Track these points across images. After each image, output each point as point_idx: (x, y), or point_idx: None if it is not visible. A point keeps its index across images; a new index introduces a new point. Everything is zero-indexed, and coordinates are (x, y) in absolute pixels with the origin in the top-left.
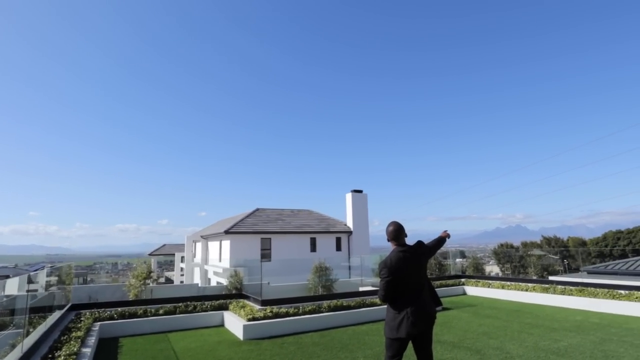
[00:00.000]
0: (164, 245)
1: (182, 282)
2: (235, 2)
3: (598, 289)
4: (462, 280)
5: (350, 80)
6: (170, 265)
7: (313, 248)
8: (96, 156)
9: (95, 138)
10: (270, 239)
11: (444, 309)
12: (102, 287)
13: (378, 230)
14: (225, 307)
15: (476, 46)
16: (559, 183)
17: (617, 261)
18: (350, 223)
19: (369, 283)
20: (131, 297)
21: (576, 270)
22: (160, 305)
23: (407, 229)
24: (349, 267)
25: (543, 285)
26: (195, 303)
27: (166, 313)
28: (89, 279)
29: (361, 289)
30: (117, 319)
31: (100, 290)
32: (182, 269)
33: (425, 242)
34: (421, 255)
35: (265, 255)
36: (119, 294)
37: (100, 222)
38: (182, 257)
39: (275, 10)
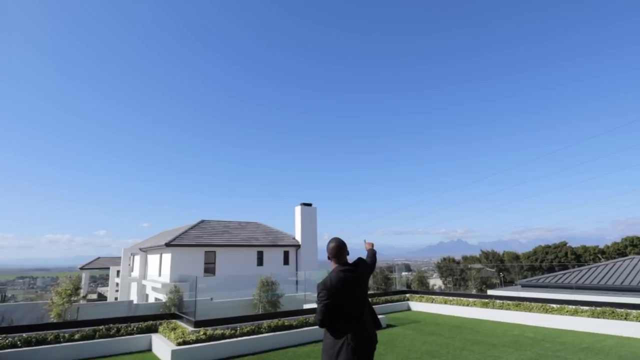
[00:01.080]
0: (98, 258)
1: (116, 298)
2: (185, 10)
3: (533, 303)
4: (407, 295)
5: (303, 93)
6: (106, 280)
7: (260, 262)
8: (20, 161)
9: (21, 143)
10: (215, 252)
11: (389, 325)
12: (15, 306)
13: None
14: (154, 329)
15: (424, 65)
16: (495, 201)
17: (547, 275)
18: (298, 237)
19: (314, 299)
20: (53, 317)
21: (511, 282)
22: (76, 329)
23: (356, 243)
24: (296, 282)
25: (483, 300)
26: (120, 325)
27: (83, 338)
28: (8, 295)
29: (305, 306)
30: (21, 347)
31: (13, 310)
32: (117, 285)
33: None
34: (362, 275)
35: (209, 269)
36: (35, 314)
37: (26, 232)
38: (118, 272)
39: (224, 17)
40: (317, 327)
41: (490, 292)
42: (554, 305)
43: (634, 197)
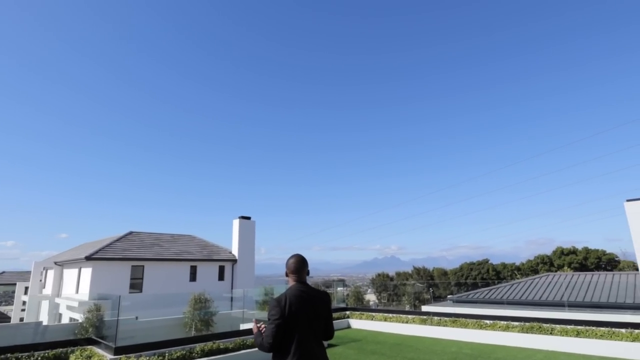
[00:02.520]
0: (3, 272)
1: (22, 319)
2: (129, 20)
3: (468, 320)
4: (347, 313)
5: (243, 104)
6: (11, 298)
7: (193, 277)
8: None
9: None
10: (143, 266)
11: (330, 345)
12: None
13: (265, 258)
14: (64, 359)
15: (365, 84)
16: (426, 219)
17: (476, 290)
18: (235, 251)
19: (251, 317)
20: None
21: (439, 297)
22: None
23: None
24: (232, 299)
25: (421, 316)
26: (21, 355)
27: None
28: None
29: (242, 325)
30: None
31: None
32: (24, 303)
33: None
34: (323, 304)
35: (136, 285)
36: None
37: None
38: (27, 288)
39: (165, 24)
40: (257, 350)
41: (424, 307)
42: (487, 321)
43: (543, 220)
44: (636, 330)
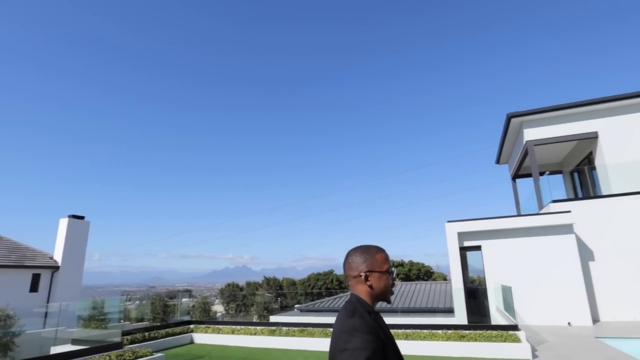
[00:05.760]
0: None
1: None
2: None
3: (315, 329)
4: (191, 326)
5: (95, 96)
6: None
7: None
8: None
9: None
10: None
11: None
12: None
13: (97, 266)
14: None
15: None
16: (279, 230)
17: (321, 300)
18: (59, 256)
19: (69, 336)
20: None
21: (287, 307)
22: None
23: (136, 265)
24: (46, 314)
25: (271, 327)
26: None
27: None
28: None
29: (55, 349)
30: None
31: None
32: None
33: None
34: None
35: None
36: None
37: None
38: None
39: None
40: None
41: (273, 318)
42: (331, 330)
43: (380, 236)
44: (449, 331)
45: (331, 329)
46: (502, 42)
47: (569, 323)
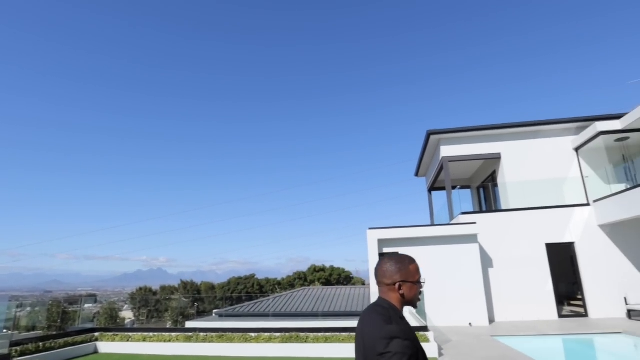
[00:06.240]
0: None
1: None
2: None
3: (234, 334)
4: (96, 335)
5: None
6: None
7: None
8: None
9: None
10: None
11: None
12: None
13: None
14: None
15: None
16: (198, 232)
17: (241, 304)
18: None
19: None
20: None
21: (204, 312)
22: None
23: (30, 267)
24: None
25: (187, 333)
26: None
27: None
28: None
29: None
30: None
31: None
32: None
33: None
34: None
35: None
36: None
37: None
38: None
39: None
40: None
41: (189, 323)
42: (252, 334)
43: (302, 241)
44: None
45: (251, 334)
46: (432, 68)
47: (470, 324)
